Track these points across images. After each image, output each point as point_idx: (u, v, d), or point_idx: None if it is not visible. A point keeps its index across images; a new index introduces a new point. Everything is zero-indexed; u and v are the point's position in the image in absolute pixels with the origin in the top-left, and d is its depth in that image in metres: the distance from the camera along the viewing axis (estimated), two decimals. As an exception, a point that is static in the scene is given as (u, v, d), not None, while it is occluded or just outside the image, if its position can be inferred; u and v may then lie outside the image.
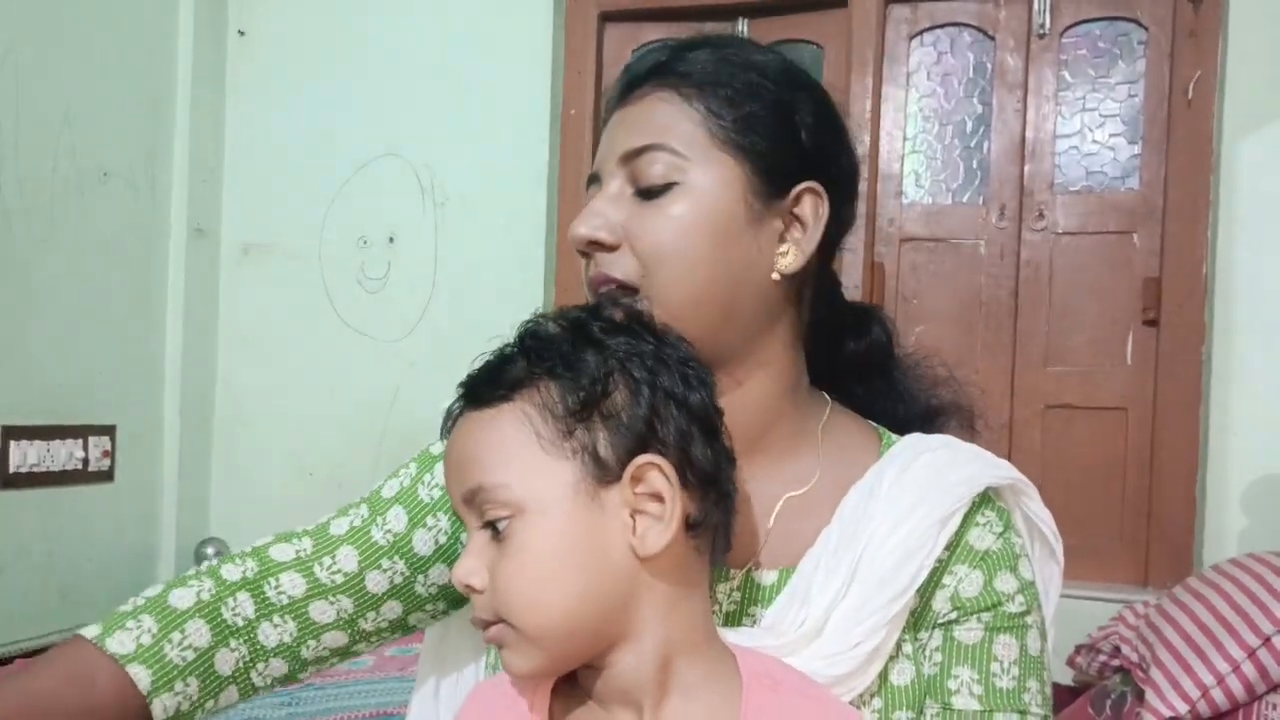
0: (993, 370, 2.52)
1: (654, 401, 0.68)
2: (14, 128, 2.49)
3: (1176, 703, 1.69)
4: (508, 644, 0.68)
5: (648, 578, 0.68)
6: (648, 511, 0.67)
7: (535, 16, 2.79)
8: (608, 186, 0.83)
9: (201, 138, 2.98)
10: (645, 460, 0.67)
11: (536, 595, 0.66)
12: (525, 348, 0.70)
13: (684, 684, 0.68)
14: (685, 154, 0.79)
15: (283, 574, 0.83)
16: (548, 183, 2.79)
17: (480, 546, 0.68)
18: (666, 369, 0.70)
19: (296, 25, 3.01)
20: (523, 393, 0.68)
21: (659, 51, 0.85)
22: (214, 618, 0.80)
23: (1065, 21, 2.50)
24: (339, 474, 2.92)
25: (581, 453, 0.67)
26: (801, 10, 2.66)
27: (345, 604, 0.84)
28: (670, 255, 0.78)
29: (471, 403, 0.71)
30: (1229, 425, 2.27)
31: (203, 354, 3.02)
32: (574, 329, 0.71)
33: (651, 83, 0.83)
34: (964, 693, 0.77)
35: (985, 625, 0.78)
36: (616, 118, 0.84)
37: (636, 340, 0.70)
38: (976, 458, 0.82)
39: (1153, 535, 2.37)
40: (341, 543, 0.85)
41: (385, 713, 2.01)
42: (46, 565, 2.61)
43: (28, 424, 2.55)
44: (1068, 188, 2.50)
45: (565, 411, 0.67)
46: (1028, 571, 0.81)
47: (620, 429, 0.67)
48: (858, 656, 0.74)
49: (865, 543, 0.76)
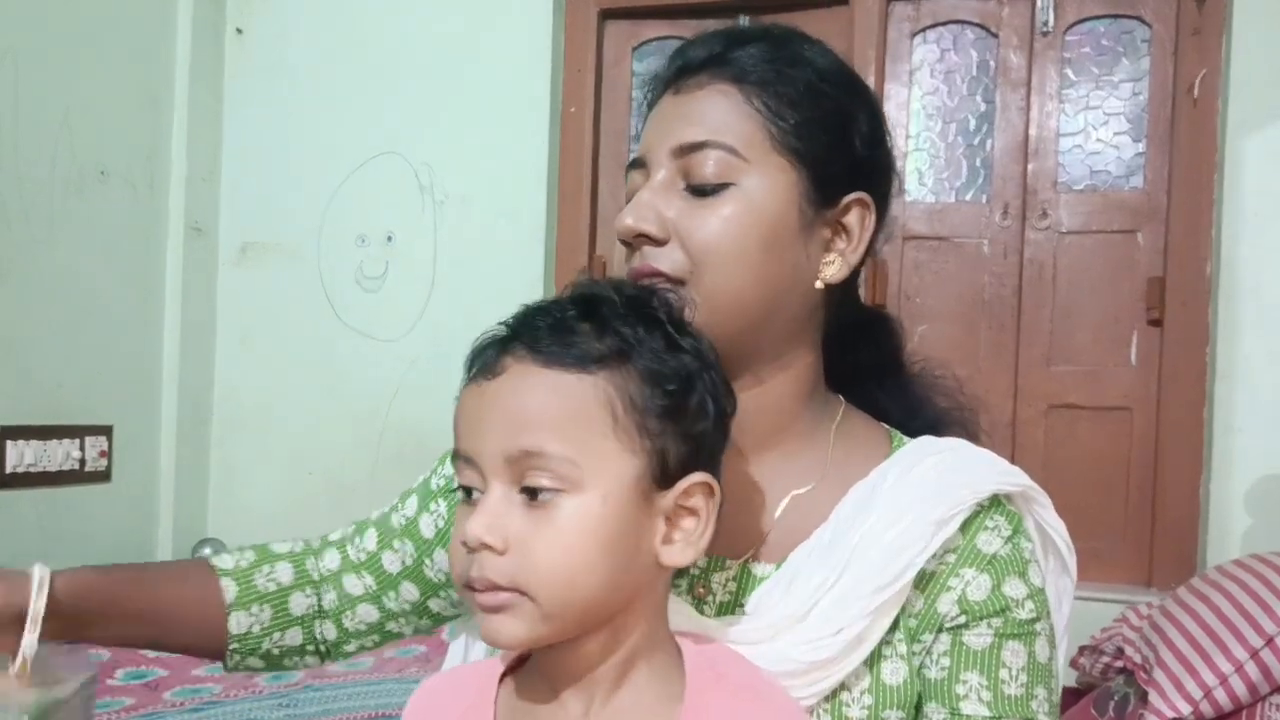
0: (996, 370, 2.51)
1: (719, 417, 0.70)
2: (13, 127, 2.49)
3: (1179, 704, 1.69)
4: (512, 612, 0.65)
5: (655, 580, 0.69)
6: (680, 525, 0.68)
7: (535, 14, 2.78)
8: (655, 176, 0.80)
9: (200, 137, 2.97)
10: (702, 479, 0.68)
11: (571, 575, 0.64)
12: (600, 316, 0.68)
13: (636, 678, 0.69)
14: (744, 155, 0.78)
15: (326, 551, 0.95)
16: (547, 182, 2.78)
17: (503, 506, 0.65)
18: (721, 380, 0.71)
19: (294, 23, 3.00)
20: (606, 369, 0.66)
21: (716, 40, 0.83)
22: (299, 566, 0.93)
23: (1069, 19, 2.49)
24: (337, 474, 2.91)
25: (653, 452, 0.66)
26: (803, 8, 2.65)
27: (369, 580, 0.92)
28: (721, 256, 0.78)
29: (540, 356, 0.66)
30: (1233, 425, 2.27)
31: (200, 353, 3.01)
32: (646, 313, 0.69)
33: (709, 72, 0.81)
34: (972, 698, 0.77)
35: (995, 631, 0.78)
36: (669, 104, 0.82)
37: (700, 344, 0.70)
38: (985, 462, 0.82)
39: (1156, 536, 2.36)
40: (369, 526, 0.94)
41: (384, 713, 2.01)
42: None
43: (24, 424, 2.55)
44: (1071, 186, 2.49)
45: (647, 406, 0.66)
46: (1037, 578, 0.80)
47: (687, 439, 0.67)
48: (840, 642, 0.74)
49: (860, 537, 0.77)
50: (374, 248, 2.92)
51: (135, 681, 2.23)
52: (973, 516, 0.78)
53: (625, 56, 2.84)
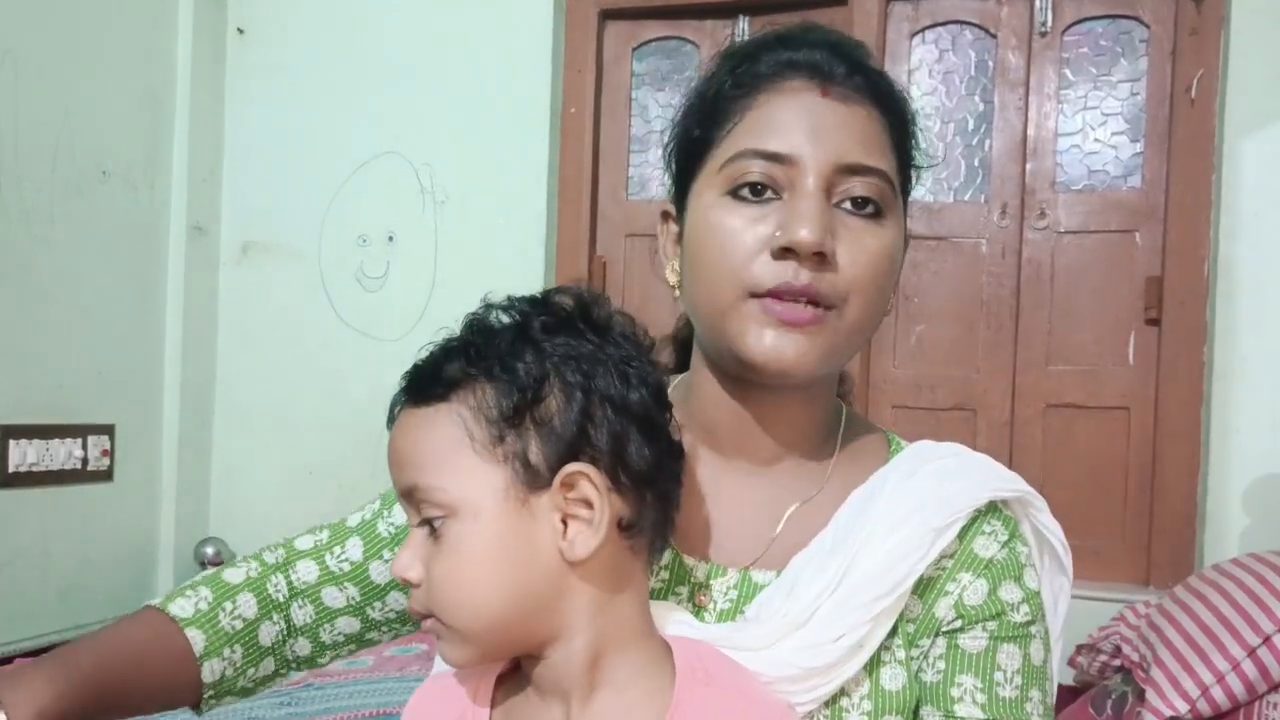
0: (994, 369, 2.51)
1: (587, 406, 0.68)
2: (14, 127, 2.49)
3: (1177, 702, 1.69)
4: (441, 636, 0.69)
5: (576, 580, 0.68)
6: (579, 517, 0.68)
7: (535, 14, 2.79)
8: (813, 184, 0.75)
9: (201, 137, 2.98)
10: (575, 469, 0.67)
11: (465, 596, 0.67)
12: (465, 344, 0.70)
13: (614, 679, 0.69)
14: (894, 192, 0.79)
15: (300, 561, 0.90)
16: (547, 181, 2.78)
17: (418, 541, 0.69)
18: (604, 369, 0.69)
19: (295, 23, 3.01)
20: (459, 393, 0.69)
21: (849, 46, 0.81)
22: (261, 594, 0.88)
23: (1067, 20, 2.49)
24: (338, 473, 2.92)
25: (512, 459, 0.67)
26: (802, 8, 2.65)
27: (353, 591, 0.89)
28: (870, 286, 0.77)
29: (412, 399, 0.72)
30: (1230, 425, 2.27)
31: (202, 353, 3.02)
32: (517, 325, 0.71)
33: (858, 86, 0.78)
34: (966, 701, 0.77)
35: (990, 634, 0.78)
36: (823, 107, 0.77)
37: (577, 340, 0.70)
38: (982, 469, 0.82)
39: (1154, 535, 2.36)
40: (352, 534, 0.91)
41: (385, 712, 2.01)
42: (45, 565, 2.61)
43: (27, 423, 2.55)
44: (1069, 186, 2.50)
45: (499, 416, 0.67)
46: (1033, 581, 0.80)
47: (552, 435, 0.67)
48: (839, 649, 0.74)
49: (860, 544, 0.76)
50: (375, 248, 2.93)
51: (137, 680, 2.24)
52: (970, 522, 0.79)
53: (625, 57, 2.84)
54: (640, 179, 2.85)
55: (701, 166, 0.80)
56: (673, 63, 2.83)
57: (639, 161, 2.85)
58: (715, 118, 0.79)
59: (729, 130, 0.78)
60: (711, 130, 0.79)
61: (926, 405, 2.56)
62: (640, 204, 2.83)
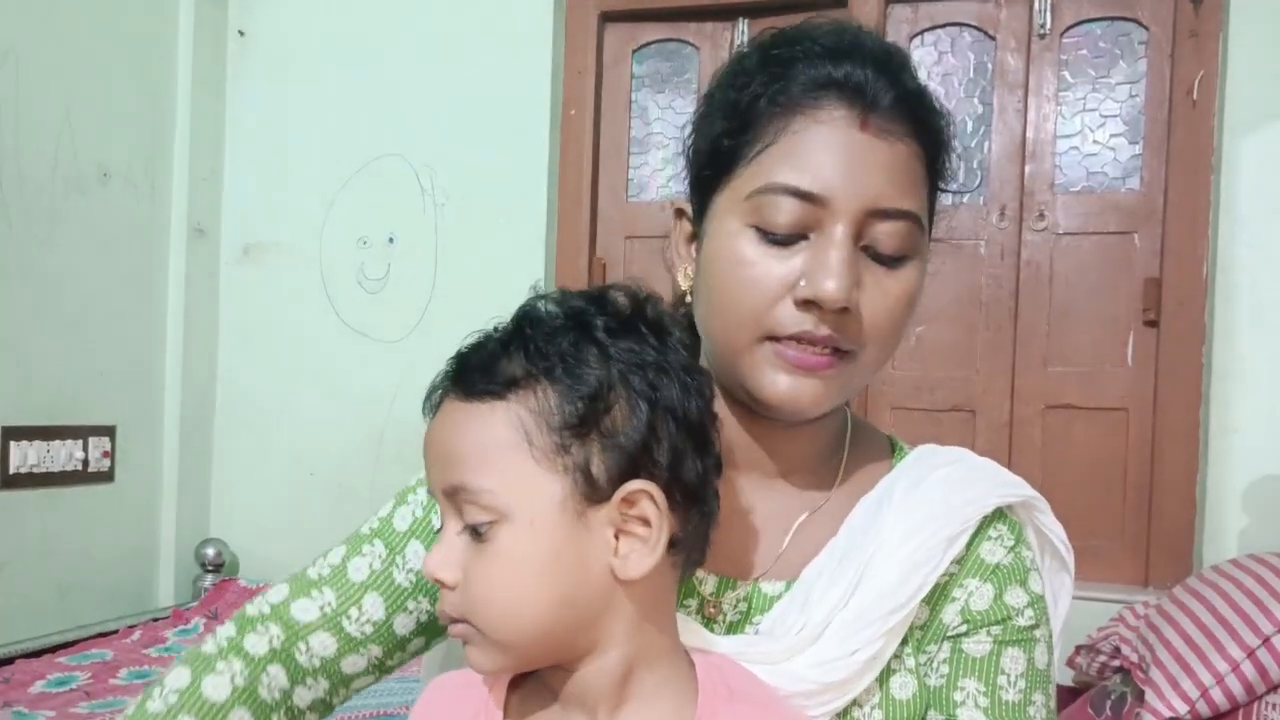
0: (993, 370, 2.52)
1: (653, 419, 0.65)
2: (14, 128, 2.49)
3: (1176, 703, 1.69)
4: (472, 642, 0.66)
5: (622, 597, 0.66)
6: (634, 534, 0.65)
7: (535, 16, 2.79)
8: (843, 229, 0.72)
9: (202, 138, 2.98)
10: (638, 487, 0.64)
11: (509, 605, 0.64)
12: (524, 337, 0.67)
13: (642, 692, 0.67)
14: (921, 229, 0.77)
15: (312, 636, 0.82)
16: (548, 183, 2.79)
17: (455, 540, 0.66)
18: (668, 379, 0.67)
19: (296, 25, 3.01)
20: (519, 393, 0.65)
21: (900, 62, 0.76)
22: (253, 702, 0.78)
23: (1066, 21, 2.50)
24: (339, 474, 2.92)
25: (574, 470, 0.64)
26: (801, 10, 2.66)
27: (375, 651, 0.84)
28: (888, 335, 0.76)
29: (461, 390, 0.67)
30: (1229, 426, 2.27)
31: (203, 354, 3.02)
32: (577, 323, 0.67)
33: (899, 117, 0.74)
34: (969, 705, 0.77)
35: (994, 639, 0.78)
36: (861, 143, 0.73)
37: (641, 345, 0.67)
38: (989, 475, 0.81)
39: (1153, 535, 2.36)
40: (365, 590, 0.83)
41: (385, 713, 2.01)
42: (46, 565, 2.61)
43: (28, 424, 2.55)
44: (1068, 188, 2.50)
45: (562, 423, 0.64)
46: (1037, 585, 0.80)
47: (616, 449, 0.64)
48: (854, 664, 0.73)
49: (872, 554, 0.76)
50: (375, 249, 2.93)
51: (138, 681, 2.24)
52: (977, 528, 0.79)
53: (625, 58, 2.84)
54: (640, 181, 2.85)
55: (727, 179, 0.76)
56: (673, 65, 2.83)
57: (639, 163, 2.85)
58: (746, 131, 0.75)
59: (759, 151, 0.74)
60: (741, 143, 0.75)
61: (926, 406, 2.56)
62: (640, 206, 2.83)
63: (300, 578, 0.84)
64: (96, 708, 2.04)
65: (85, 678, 2.24)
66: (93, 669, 2.30)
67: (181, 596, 2.92)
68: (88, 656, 2.38)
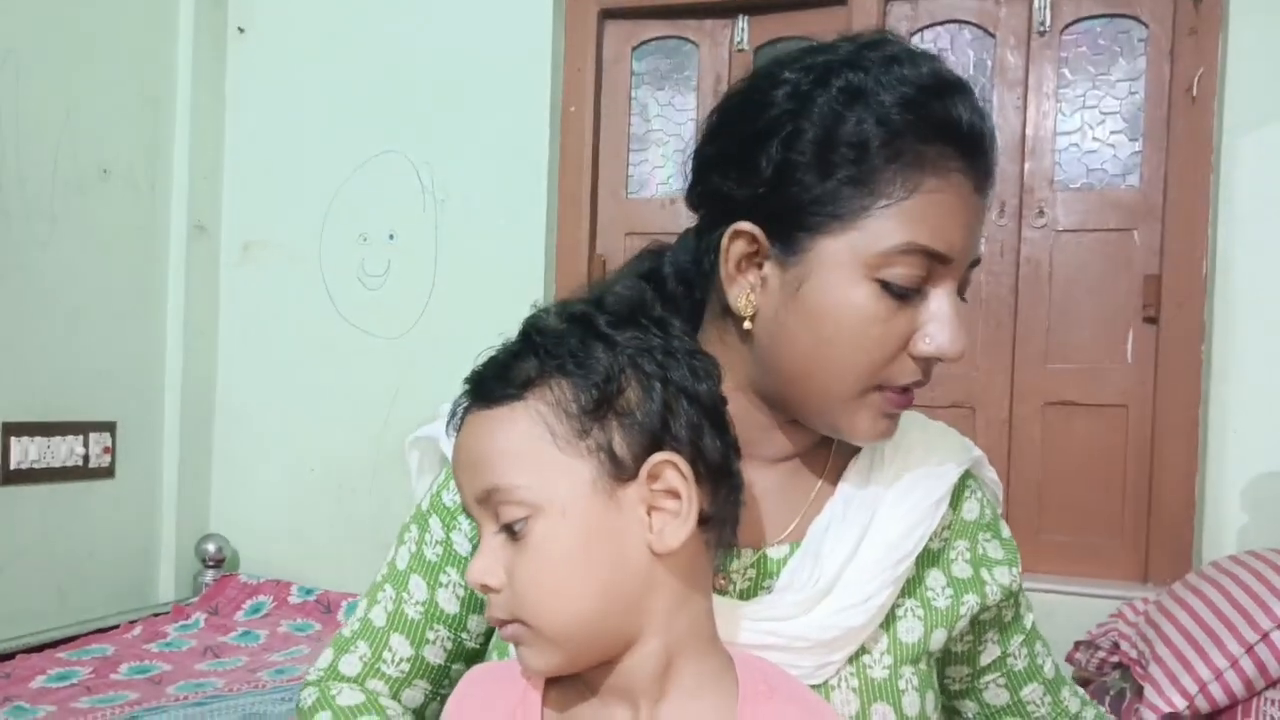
0: (993, 367, 2.52)
1: (666, 397, 0.68)
2: (14, 127, 2.49)
3: (1175, 698, 1.70)
4: (525, 642, 0.68)
5: (661, 574, 0.68)
6: (664, 508, 0.67)
7: (535, 13, 2.79)
8: (954, 289, 0.77)
9: (201, 136, 2.98)
10: (662, 458, 0.67)
11: (556, 595, 0.66)
12: (533, 343, 0.70)
13: (683, 685, 0.68)
14: None
15: (366, 683, 0.87)
16: (548, 180, 2.79)
17: (496, 545, 0.68)
18: (676, 362, 0.70)
19: (296, 22, 3.01)
20: (535, 391, 0.68)
21: (989, 114, 0.80)
22: None
23: (1066, 19, 2.50)
24: (339, 470, 2.92)
25: (598, 451, 0.66)
26: (801, 8, 2.66)
27: (423, 685, 0.89)
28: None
29: (481, 401, 0.70)
30: (1229, 422, 2.28)
31: (203, 351, 3.02)
32: (581, 323, 0.70)
33: (988, 181, 0.79)
34: (1046, 662, 0.96)
35: (1024, 605, 0.95)
36: (975, 206, 0.76)
37: (644, 334, 0.70)
38: (953, 437, 0.91)
39: (1152, 532, 2.37)
40: (389, 633, 0.87)
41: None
42: (47, 562, 2.62)
43: (28, 420, 2.56)
44: (1068, 185, 2.50)
45: (580, 410, 0.66)
46: (1005, 530, 0.94)
47: (635, 426, 0.67)
48: (870, 609, 0.79)
49: (874, 510, 0.83)
50: (375, 246, 2.93)
51: (139, 676, 2.24)
52: (957, 490, 0.89)
53: (625, 56, 2.84)
54: (640, 178, 2.86)
55: (839, 225, 0.74)
56: (673, 62, 2.84)
57: (639, 160, 2.86)
58: (869, 181, 0.73)
59: (886, 206, 0.73)
60: (858, 191, 0.73)
61: (925, 403, 2.53)
62: (640, 203, 2.83)
63: (338, 638, 0.90)
64: (97, 703, 2.04)
65: (86, 673, 2.24)
66: (93, 664, 2.30)
67: (182, 592, 2.92)
68: (88, 652, 2.39)
